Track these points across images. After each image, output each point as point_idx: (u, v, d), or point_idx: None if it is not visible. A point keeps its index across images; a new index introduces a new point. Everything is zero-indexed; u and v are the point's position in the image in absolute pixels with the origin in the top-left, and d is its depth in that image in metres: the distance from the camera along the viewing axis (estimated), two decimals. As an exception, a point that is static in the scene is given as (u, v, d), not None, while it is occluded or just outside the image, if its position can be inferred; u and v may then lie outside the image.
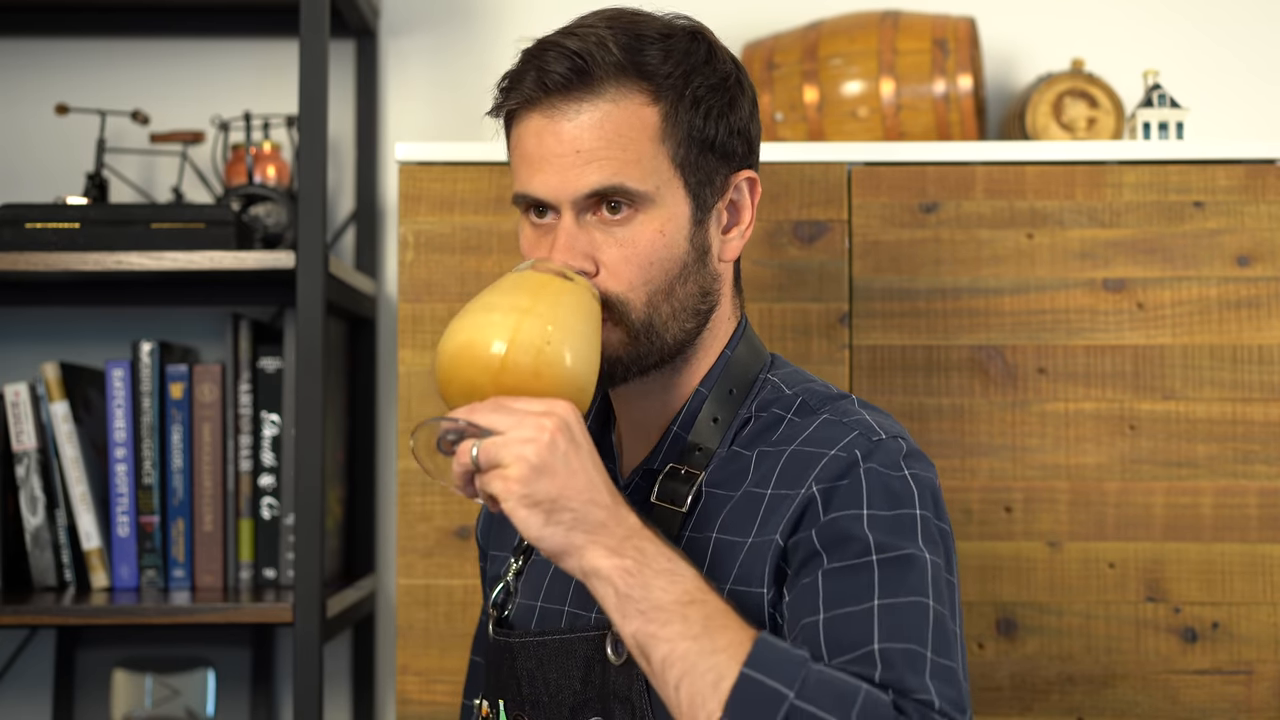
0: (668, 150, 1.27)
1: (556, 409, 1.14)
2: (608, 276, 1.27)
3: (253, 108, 2.22)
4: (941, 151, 1.86)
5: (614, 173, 1.25)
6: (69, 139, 2.22)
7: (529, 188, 1.29)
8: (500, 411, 1.14)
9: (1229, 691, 1.80)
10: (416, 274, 1.86)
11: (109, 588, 2.00)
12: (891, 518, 1.20)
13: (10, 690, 2.21)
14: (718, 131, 1.29)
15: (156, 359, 2.02)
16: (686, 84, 1.28)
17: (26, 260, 1.87)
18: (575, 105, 1.26)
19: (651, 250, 1.27)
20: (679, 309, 1.29)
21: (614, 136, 1.25)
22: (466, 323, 1.19)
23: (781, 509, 1.23)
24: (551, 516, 1.13)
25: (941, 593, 1.18)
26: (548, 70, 1.26)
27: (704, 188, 1.30)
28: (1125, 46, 2.19)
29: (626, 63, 1.26)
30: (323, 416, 1.84)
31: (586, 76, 1.26)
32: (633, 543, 1.14)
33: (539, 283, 1.21)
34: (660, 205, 1.27)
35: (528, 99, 1.28)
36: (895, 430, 1.27)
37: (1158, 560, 1.82)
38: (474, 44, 2.25)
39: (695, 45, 1.30)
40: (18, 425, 2.00)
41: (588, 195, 1.26)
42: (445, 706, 1.83)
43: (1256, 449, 1.82)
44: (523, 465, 1.11)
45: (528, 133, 1.29)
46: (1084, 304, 1.84)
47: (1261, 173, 1.84)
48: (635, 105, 1.26)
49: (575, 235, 1.27)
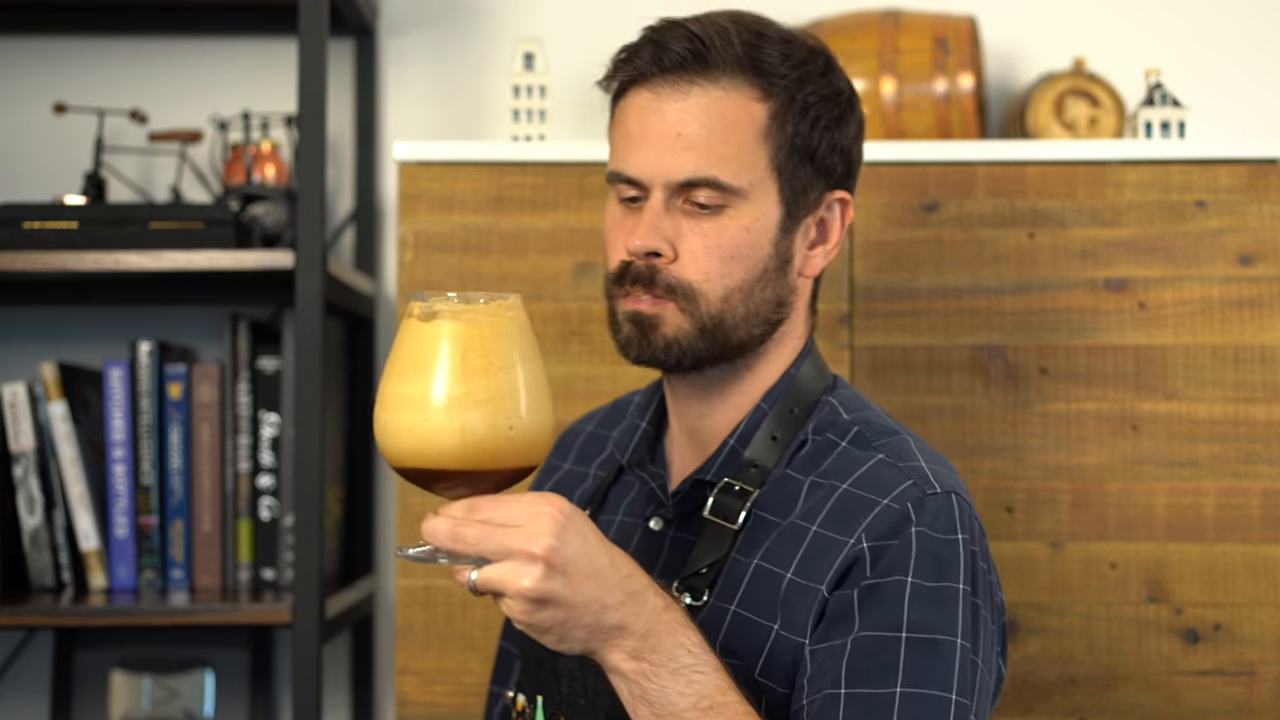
0: (768, 150, 1.26)
1: (547, 527, 1.06)
2: (686, 263, 1.25)
3: (251, 107, 2.22)
4: (942, 151, 1.86)
5: (711, 164, 1.24)
6: (67, 138, 2.22)
7: (624, 166, 1.27)
8: (487, 539, 1.06)
9: (1231, 693, 1.80)
10: (416, 274, 1.86)
11: (107, 588, 1.99)
12: (934, 590, 1.18)
13: (8, 691, 2.21)
14: (820, 144, 1.28)
15: (155, 359, 2.01)
16: (799, 89, 1.27)
17: (24, 260, 1.87)
18: (685, 87, 1.25)
19: (735, 245, 1.25)
20: (752, 313, 1.28)
21: (717, 125, 1.24)
22: (404, 425, 1.08)
23: (829, 555, 1.21)
24: (565, 636, 1.09)
25: (966, 680, 1.16)
26: (666, 47, 1.25)
27: (798, 198, 1.28)
28: (1127, 45, 2.18)
29: (744, 56, 1.25)
30: (322, 417, 1.84)
31: (703, 60, 1.24)
32: (651, 641, 1.11)
33: (461, 351, 1.08)
34: (751, 203, 1.26)
35: (640, 73, 1.26)
36: (949, 483, 1.25)
37: (1159, 561, 1.81)
38: (474, 43, 2.25)
39: (814, 56, 1.29)
40: (15, 425, 2.00)
41: (681, 183, 1.25)
42: (444, 707, 1.83)
43: (1259, 449, 1.82)
44: (521, 601, 1.06)
45: (632, 108, 1.27)
46: (1086, 304, 1.83)
47: (1264, 172, 1.83)
48: (745, 99, 1.25)
49: (660, 217, 1.25)
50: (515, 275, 1.86)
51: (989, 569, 1.25)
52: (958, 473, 1.29)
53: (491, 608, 1.83)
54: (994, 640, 1.23)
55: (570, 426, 1.56)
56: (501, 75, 2.21)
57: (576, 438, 1.53)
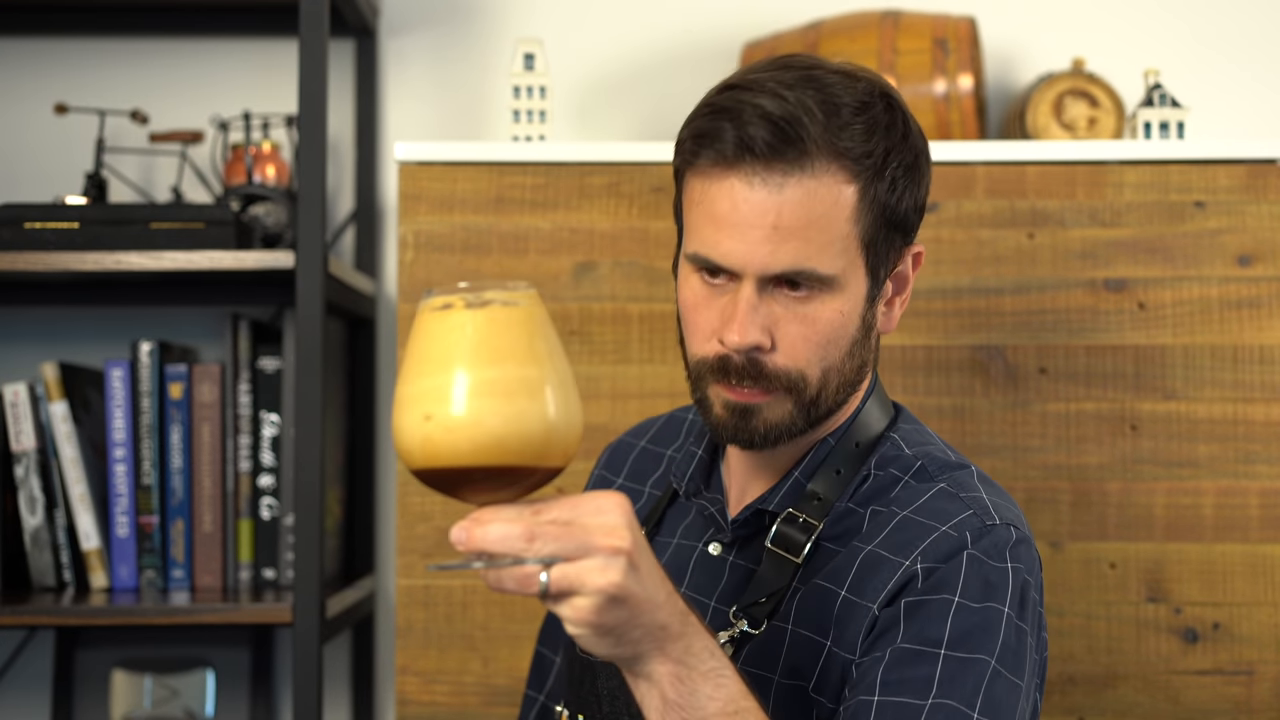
0: (859, 230, 1.22)
1: (620, 521, 1.01)
2: (785, 353, 1.23)
3: (252, 107, 2.22)
4: (942, 151, 1.86)
5: (808, 256, 1.20)
6: (68, 138, 2.22)
7: (714, 253, 1.22)
8: (566, 537, 0.99)
9: (1230, 692, 1.80)
10: (416, 274, 1.86)
11: (108, 588, 1.99)
12: (978, 610, 1.18)
13: (9, 691, 2.21)
14: (905, 209, 1.25)
15: (156, 359, 2.01)
16: (885, 164, 1.22)
17: (25, 260, 1.87)
18: (779, 176, 1.19)
19: (830, 330, 1.23)
20: (843, 383, 1.27)
21: (814, 216, 1.20)
22: (444, 420, 0.98)
23: (882, 573, 1.22)
24: (623, 637, 1.04)
25: (994, 702, 1.16)
26: (750, 133, 1.18)
27: (880, 265, 1.26)
28: (1126, 46, 2.18)
29: (830, 136, 1.19)
30: (322, 417, 1.84)
31: (795, 146, 1.18)
32: (685, 641, 1.07)
33: (513, 338, 1.01)
34: (844, 286, 1.23)
35: (727, 159, 1.20)
36: (1009, 516, 1.24)
37: (1159, 561, 1.81)
38: (474, 43, 2.25)
39: (893, 119, 1.24)
40: (17, 425, 2.00)
41: (779, 274, 1.21)
42: (444, 707, 1.83)
43: (1258, 449, 1.82)
44: (600, 598, 1.00)
45: (721, 193, 1.21)
46: (1085, 304, 1.83)
47: (1262, 172, 1.84)
48: (836, 183, 1.20)
49: (755, 307, 1.21)
50: (515, 275, 1.86)
51: (1039, 601, 1.25)
52: (1018, 506, 1.29)
53: (491, 607, 1.84)
54: (1035, 670, 1.24)
55: (620, 439, 1.54)
56: (502, 75, 2.21)
57: (630, 452, 1.51)
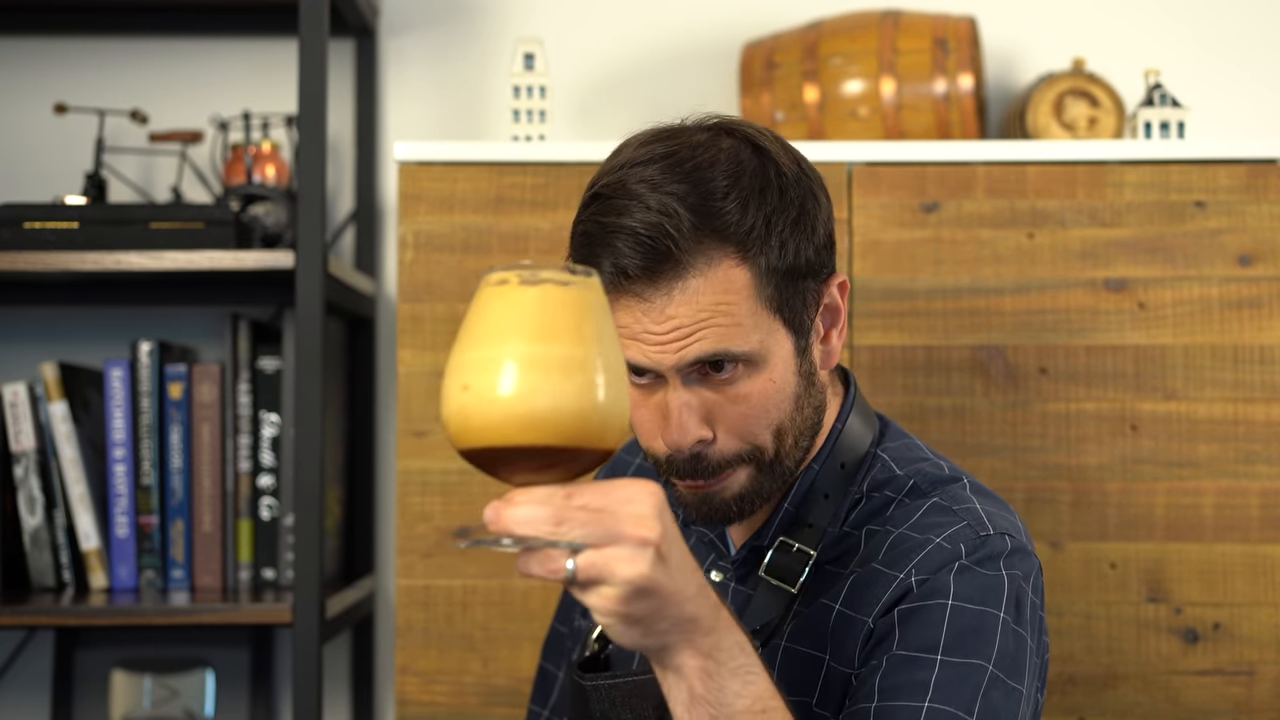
0: (764, 301, 1.22)
1: (650, 511, 0.98)
2: (728, 438, 1.23)
3: (252, 107, 2.22)
4: (942, 151, 1.86)
5: (717, 342, 1.20)
6: (67, 138, 2.22)
7: (630, 357, 1.22)
8: (595, 523, 0.96)
9: (1230, 692, 1.80)
10: (416, 274, 1.86)
11: (108, 588, 1.99)
12: (975, 615, 1.19)
13: (8, 691, 2.21)
14: (805, 258, 1.24)
15: (155, 359, 2.01)
16: (770, 231, 1.21)
17: (25, 260, 1.87)
18: (664, 289, 1.19)
19: (765, 399, 1.23)
20: (799, 434, 1.27)
21: (711, 308, 1.20)
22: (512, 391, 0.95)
23: (877, 587, 1.22)
24: (650, 628, 1.01)
25: (992, 707, 1.16)
26: (623, 261, 1.19)
27: (800, 314, 1.25)
28: (1126, 46, 2.18)
29: (704, 228, 1.19)
30: (322, 417, 1.84)
31: (668, 259, 1.18)
32: (716, 636, 1.05)
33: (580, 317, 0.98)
34: (767, 357, 1.23)
35: (610, 286, 1.19)
36: (1004, 525, 1.25)
37: (1159, 561, 1.81)
38: (474, 43, 2.25)
39: (766, 179, 1.22)
40: (16, 425, 2.00)
41: (692, 363, 1.21)
42: (444, 707, 1.83)
43: (1258, 449, 1.82)
44: (627, 588, 0.97)
45: (620, 310, 1.21)
46: (1085, 304, 1.83)
47: (1263, 172, 1.84)
48: (724, 271, 1.20)
49: (688, 402, 1.22)
50: (515, 275, 1.86)
51: (1039, 605, 1.25)
52: (1017, 515, 1.29)
53: (491, 608, 1.84)
54: (1036, 674, 1.24)
55: (617, 457, 1.53)
56: (502, 75, 2.21)
57: (625, 471, 1.51)
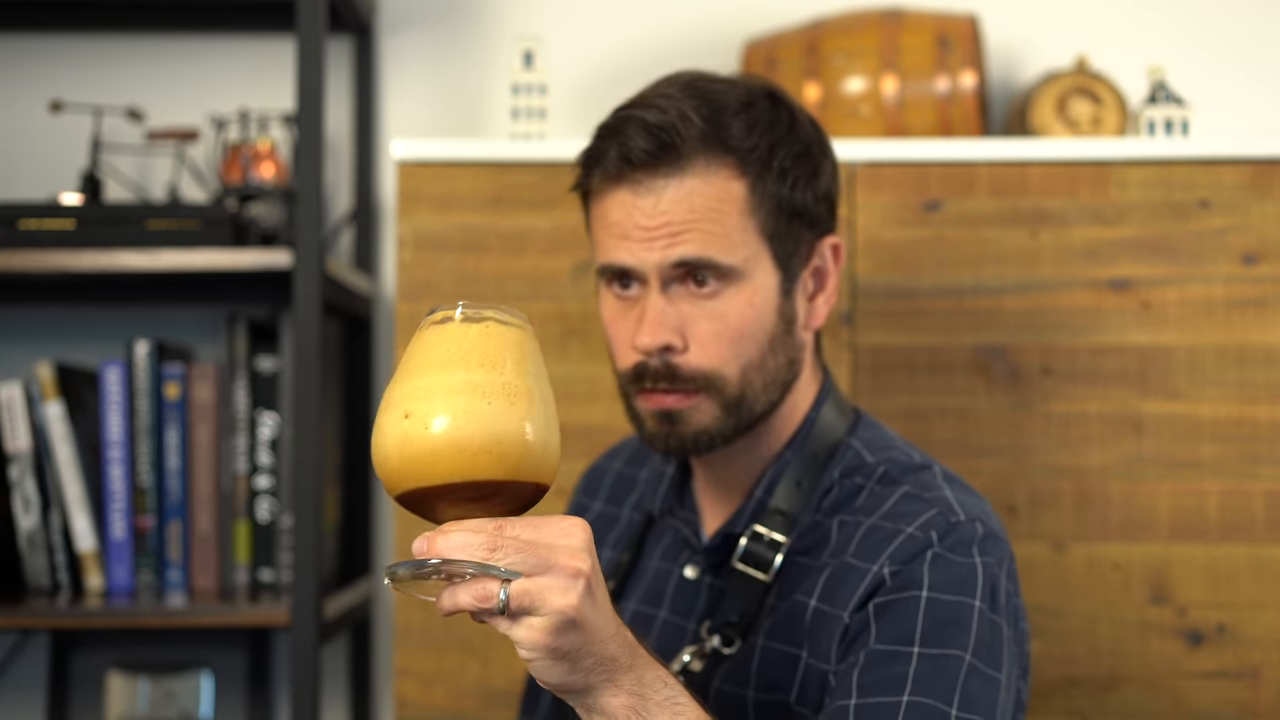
0: (756, 222, 1.26)
1: (582, 545, 0.99)
2: (699, 352, 1.25)
3: (249, 105, 2.21)
4: (944, 149, 1.85)
5: (703, 246, 1.24)
6: (63, 136, 2.21)
7: (615, 257, 1.26)
8: (528, 552, 0.97)
9: (1234, 694, 1.79)
10: (415, 273, 1.85)
11: (104, 590, 1.98)
12: (950, 605, 1.19)
13: (4, 693, 2.20)
14: (804, 199, 1.28)
15: (152, 359, 2.00)
16: (772, 155, 1.26)
17: (20, 259, 1.86)
18: (662, 180, 1.24)
19: (742, 323, 1.25)
20: (769, 381, 1.28)
21: (703, 211, 1.24)
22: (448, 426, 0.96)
23: (851, 581, 1.22)
24: (575, 664, 1.01)
25: (971, 696, 1.16)
26: (630, 145, 1.24)
27: (791, 257, 1.29)
28: (1130, 43, 2.17)
29: (711, 136, 1.24)
30: (320, 417, 1.83)
31: (672, 151, 1.24)
32: (636, 672, 1.04)
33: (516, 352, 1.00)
34: (749, 278, 1.26)
35: (611, 174, 1.26)
36: (975, 511, 1.26)
37: (1163, 562, 1.80)
38: (473, 41, 2.24)
39: (777, 114, 1.28)
40: (11, 426, 1.99)
41: (675, 265, 1.24)
42: (443, 709, 1.82)
43: (1263, 450, 1.81)
44: (559, 618, 0.97)
45: (613, 205, 1.27)
46: (1088, 303, 1.82)
47: (1268, 171, 1.83)
48: (722, 179, 1.25)
49: (664, 309, 1.25)
50: (514, 275, 1.85)
51: (1015, 592, 1.25)
52: (988, 502, 1.30)
53: (491, 609, 1.83)
54: (1015, 662, 1.23)
55: (595, 464, 1.56)
56: (501, 74, 2.20)
57: (603, 476, 1.52)
